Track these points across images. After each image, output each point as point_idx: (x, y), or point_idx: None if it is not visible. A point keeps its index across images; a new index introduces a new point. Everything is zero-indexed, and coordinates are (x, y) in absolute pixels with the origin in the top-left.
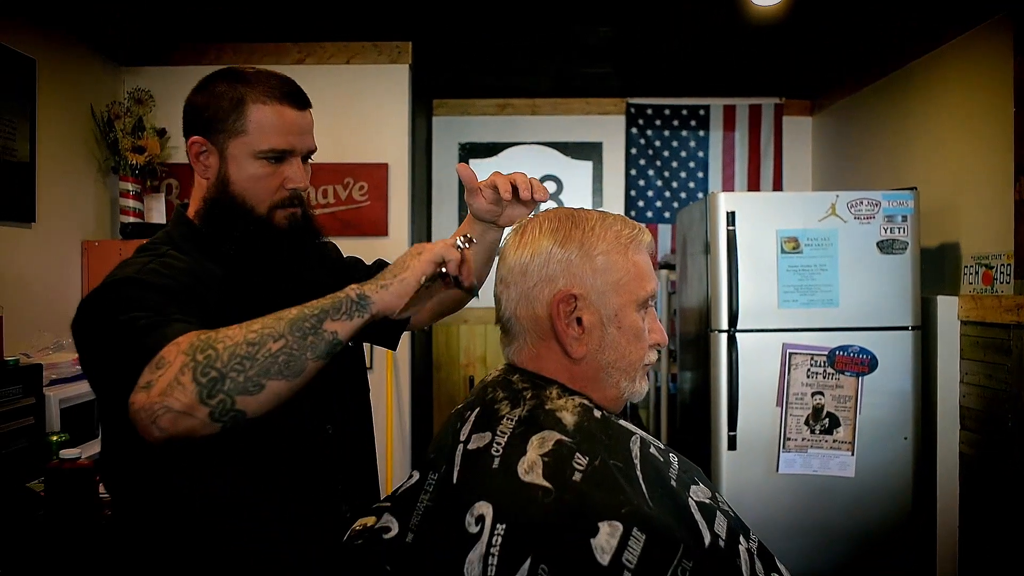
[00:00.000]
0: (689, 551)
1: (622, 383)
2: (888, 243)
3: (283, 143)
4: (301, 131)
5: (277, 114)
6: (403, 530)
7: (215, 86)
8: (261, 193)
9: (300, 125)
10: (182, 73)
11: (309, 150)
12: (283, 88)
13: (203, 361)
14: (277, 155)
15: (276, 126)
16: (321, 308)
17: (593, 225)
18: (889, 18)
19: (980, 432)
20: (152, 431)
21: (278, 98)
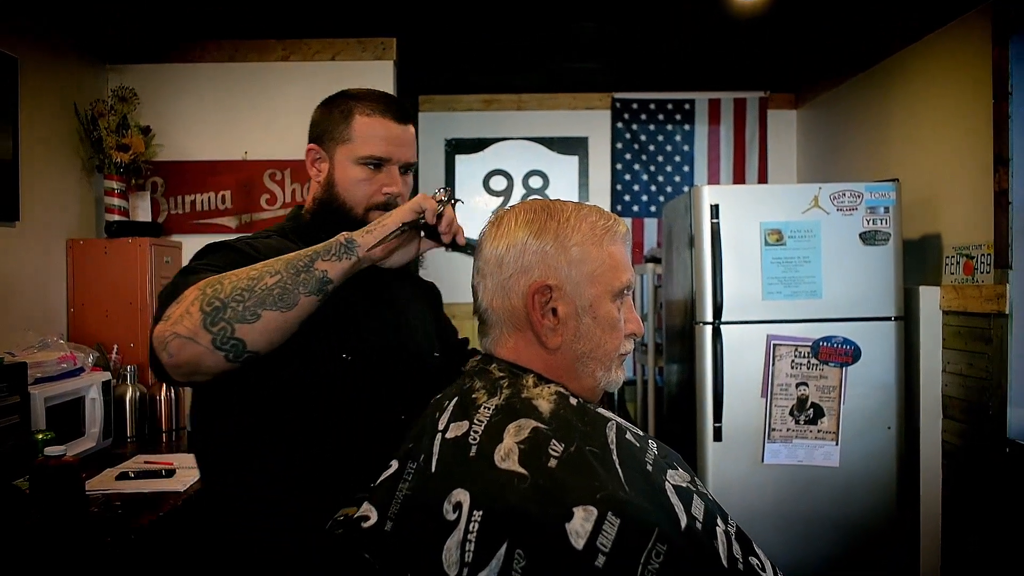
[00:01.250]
0: (664, 535)
1: (598, 373)
2: (871, 234)
3: (381, 151)
4: (399, 142)
5: (378, 125)
6: (382, 519)
7: (333, 101)
8: (359, 196)
9: (398, 137)
10: (166, 70)
11: (406, 161)
12: (386, 103)
13: (210, 294)
14: (375, 161)
15: (376, 135)
16: (314, 250)
17: (568, 216)
18: (871, 12)
19: (962, 421)
20: (163, 357)
21: (380, 111)
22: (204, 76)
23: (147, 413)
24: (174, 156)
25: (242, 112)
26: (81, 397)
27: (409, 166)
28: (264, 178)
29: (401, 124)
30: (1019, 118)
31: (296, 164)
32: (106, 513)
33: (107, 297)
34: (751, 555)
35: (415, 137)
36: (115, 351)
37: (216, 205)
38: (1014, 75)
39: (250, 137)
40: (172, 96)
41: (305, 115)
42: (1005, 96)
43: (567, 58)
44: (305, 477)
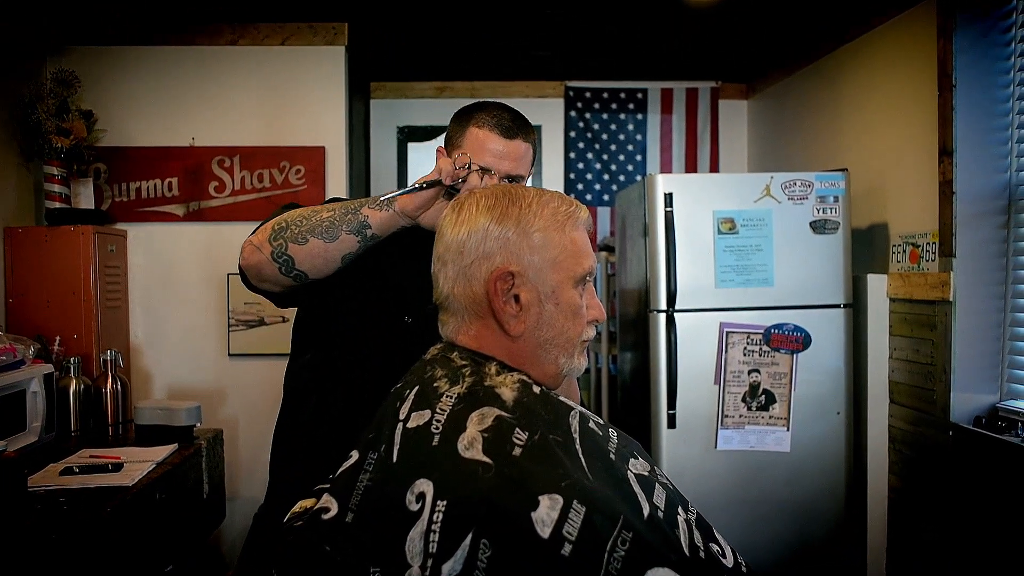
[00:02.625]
0: (629, 523)
1: (560, 359)
2: (820, 223)
3: (486, 161)
4: (501, 156)
5: (485, 137)
6: (343, 510)
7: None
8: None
9: (501, 151)
10: (110, 53)
11: (509, 173)
12: (499, 117)
13: (282, 217)
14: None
15: (480, 147)
16: (363, 200)
17: (530, 202)
18: (820, 3)
19: (909, 406)
20: (240, 260)
21: (491, 124)
22: (150, 60)
23: (92, 406)
24: (118, 142)
25: (189, 97)
26: (22, 390)
27: (514, 178)
28: (212, 165)
29: (507, 139)
30: (963, 109)
31: (246, 150)
32: (50, 510)
33: (48, 287)
34: (711, 541)
35: (529, 153)
36: (58, 342)
37: (162, 192)
38: (958, 67)
39: (197, 123)
40: (116, 80)
41: (255, 100)
42: (949, 88)
43: (520, 46)
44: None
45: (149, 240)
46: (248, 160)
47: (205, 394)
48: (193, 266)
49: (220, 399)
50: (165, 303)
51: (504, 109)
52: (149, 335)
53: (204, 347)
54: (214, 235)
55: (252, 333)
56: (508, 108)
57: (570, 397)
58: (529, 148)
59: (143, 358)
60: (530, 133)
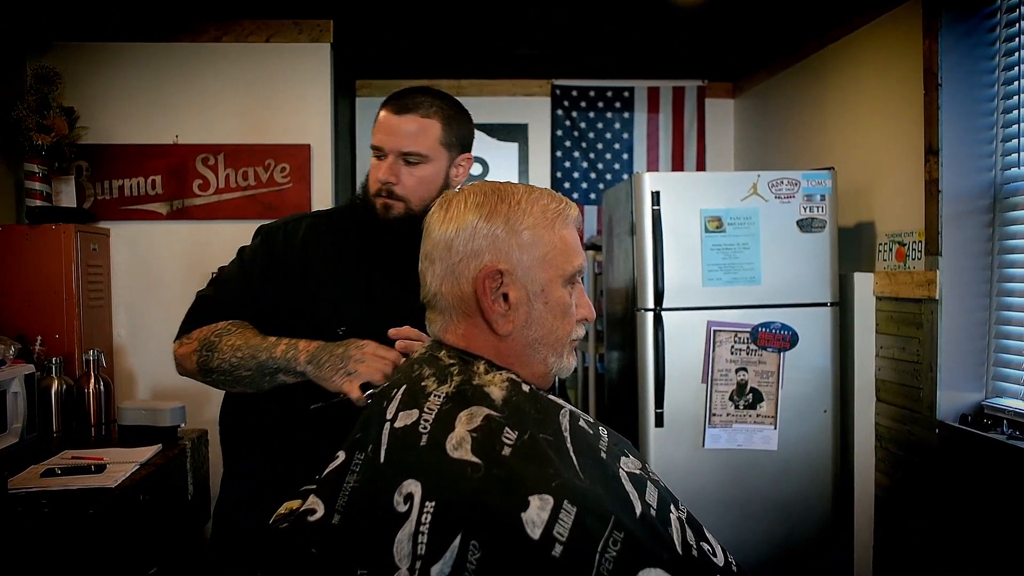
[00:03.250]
0: (620, 523)
1: (550, 359)
2: (807, 222)
3: (375, 140)
4: (391, 132)
5: (380, 118)
6: (329, 512)
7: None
8: (369, 183)
9: (391, 127)
10: (92, 50)
11: (401, 150)
12: (396, 96)
13: (205, 356)
14: (376, 150)
15: (377, 127)
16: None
17: (519, 199)
18: (806, 1)
19: (895, 404)
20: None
21: (387, 107)
22: (133, 56)
23: (75, 407)
24: (101, 139)
25: (173, 94)
26: (2, 391)
27: (408, 156)
28: (196, 163)
29: (398, 115)
30: (949, 108)
31: (230, 148)
32: (31, 512)
33: (30, 286)
34: (703, 540)
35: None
36: (39, 342)
37: (146, 190)
38: (944, 66)
39: (181, 120)
40: (99, 77)
41: (239, 98)
42: (935, 87)
43: (506, 43)
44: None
45: (132, 239)
46: (233, 158)
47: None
48: (177, 265)
49: (205, 399)
50: (149, 302)
51: (414, 90)
52: (133, 335)
53: None
54: (198, 234)
55: None
56: (422, 89)
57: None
58: (429, 124)
59: (127, 358)
60: (433, 111)
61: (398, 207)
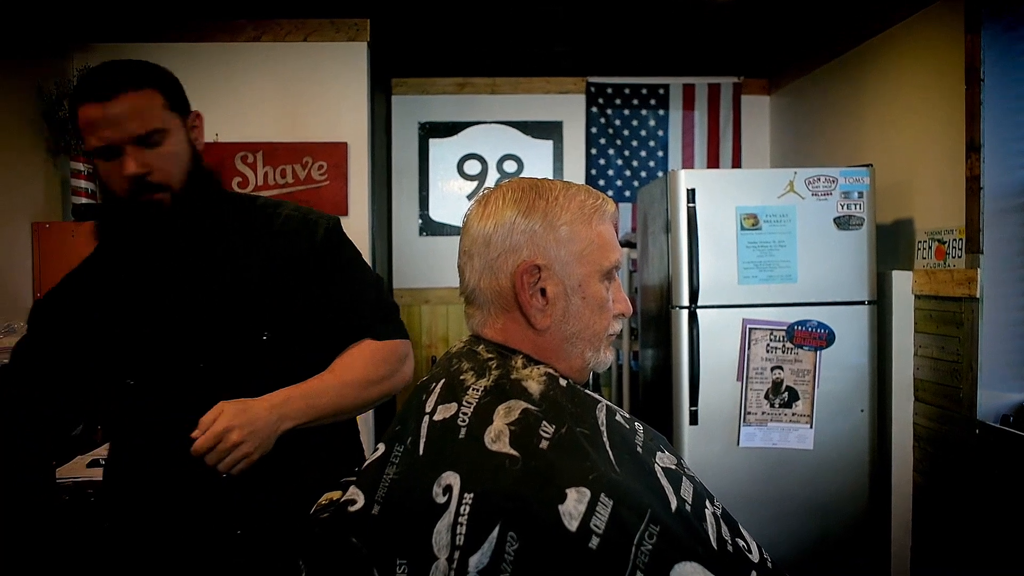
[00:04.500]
0: (656, 516)
1: (587, 353)
2: (845, 219)
3: (97, 140)
4: (111, 123)
5: (87, 114)
6: (369, 503)
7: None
8: (115, 188)
9: (108, 117)
10: (134, 51)
11: (133, 136)
12: (90, 83)
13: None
14: (103, 152)
15: (89, 126)
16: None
17: (557, 195)
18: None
19: (934, 404)
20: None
21: (85, 95)
22: (173, 57)
23: None
24: None
25: (212, 94)
26: None
27: (145, 137)
28: (236, 161)
29: (108, 102)
30: (991, 104)
31: (268, 146)
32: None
33: None
34: (738, 536)
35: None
36: None
37: None
38: (986, 61)
39: (220, 119)
40: None
41: (277, 96)
42: (977, 82)
43: (541, 41)
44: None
45: None
46: (271, 156)
47: None
48: None
49: None
50: None
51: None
52: None
53: None
54: None
55: None
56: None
57: None
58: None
59: None
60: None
61: (164, 196)
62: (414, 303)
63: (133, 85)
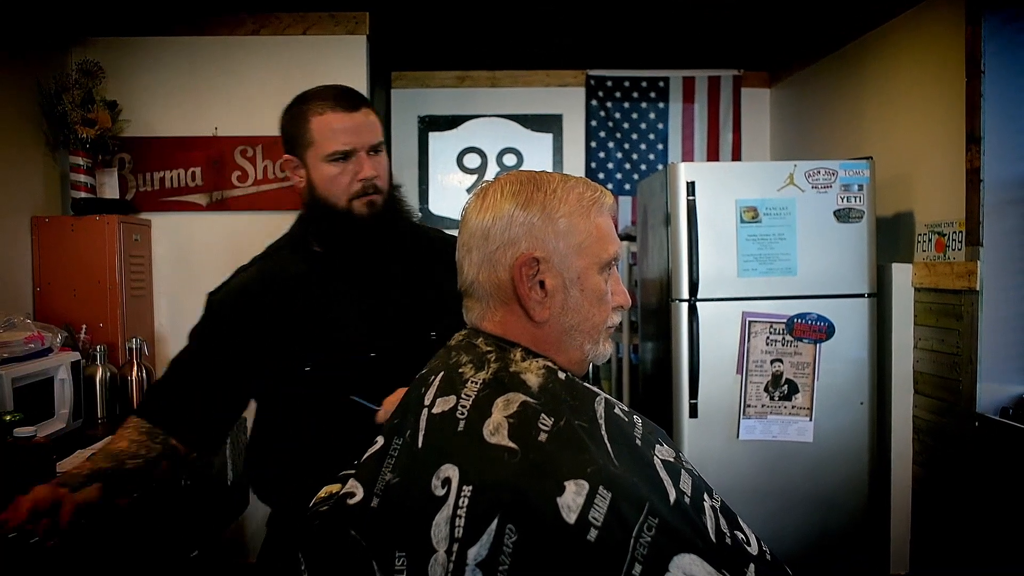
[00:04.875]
0: (654, 509)
1: (586, 345)
2: (845, 212)
3: (341, 144)
4: (355, 131)
5: (332, 120)
6: (368, 495)
7: (290, 109)
8: (339, 191)
9: (354, 126)
10: (133, 44)
11: (369, 144)
12: (334, 97)
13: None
14: (340, 155)
15: (332, 132)
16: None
17: (555, 188)
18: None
19: (933, 396)
20: None
21: (331, 107)
22: (172, 50)
23: (118, 394)
24: (142, 132)
25: (212, 87)
26: (50, 378)
27: (375, 146)
28: (235, 155)
29: (351, 112)
30: (992, 96)
31: (268, 140)
32: None
33: (75, 276)
34: (736, 529)
35: (375, 117)
36: (84, 331)
37: (186, 182)
38: (987, 53)
39: (220, 113)
40: (139, 71)
41: (277, 90)
42: (978, 74)
43: (541, 34)
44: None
45: (173, 229)
46: (271, 150)
47: None
48: (216, 255)
49: None
50: (189, 292)
51: (328, 88)
52: (173, 324)
53: None
54: (237, 224)
55: None
56: (330, 86)
57: None
58: (372, 112)
59: (167, 346)
60: (367, 102)
61: (378, 198)
62: None
63: (366, 103)
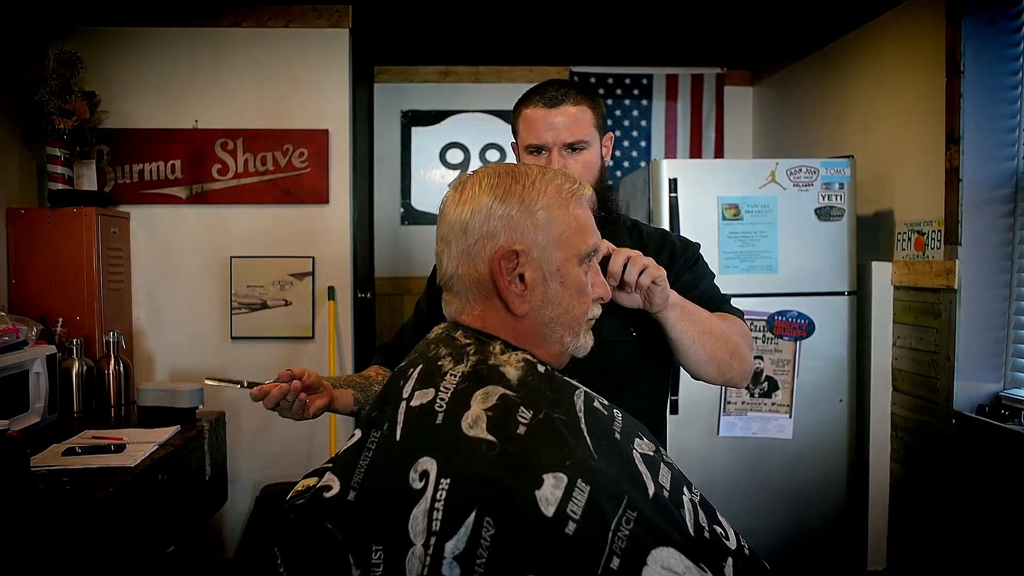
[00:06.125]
0: (633, 503)
1: (566, 338)
2: (826, 210)
3: (534, 139)
4: (549, 127)
5: (532, 115)
6: (345, 488)
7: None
8: None
9: (549, 122)
10: (112, 35)
11: (563, 142)
12: (540, 92)
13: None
14: (534, 148)
15: (530, 126)
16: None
17: (533, 180)
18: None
19: (911, 394)
20: None
21: (534, 102)
22: (153, 41)
23: (95, 387)
24: (121, 123)
25: (192, 79)
26: (25, 371)
27: (574, 144)
28: (216, 147)
29: (549, 108)
30: (971, 97)
31: (249, 133)
32: (53, 490)
33: (51, 268)
34: (715, 523)
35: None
36: (60, 324)
37: (165, 175)
38: (966, 54)
39: (201, 105)
40: (119, 61)
41: (258, 83)
42: (957, 75)
43: (525, 30)
44: None
45: (152, 222)
46: (251, 143)
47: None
48: (196, 249)
49: None
50: (167, 285)
51: (551, 83)
52: (152, 317)
53: (206, 330)
54: (217, 218)
55: (254, 316)
56: (557, 81)
57: None
58: (582, 110)
59: (146, 340)
60: (581, 98)
61: None
62: (396, 292)
63: (573, 101)
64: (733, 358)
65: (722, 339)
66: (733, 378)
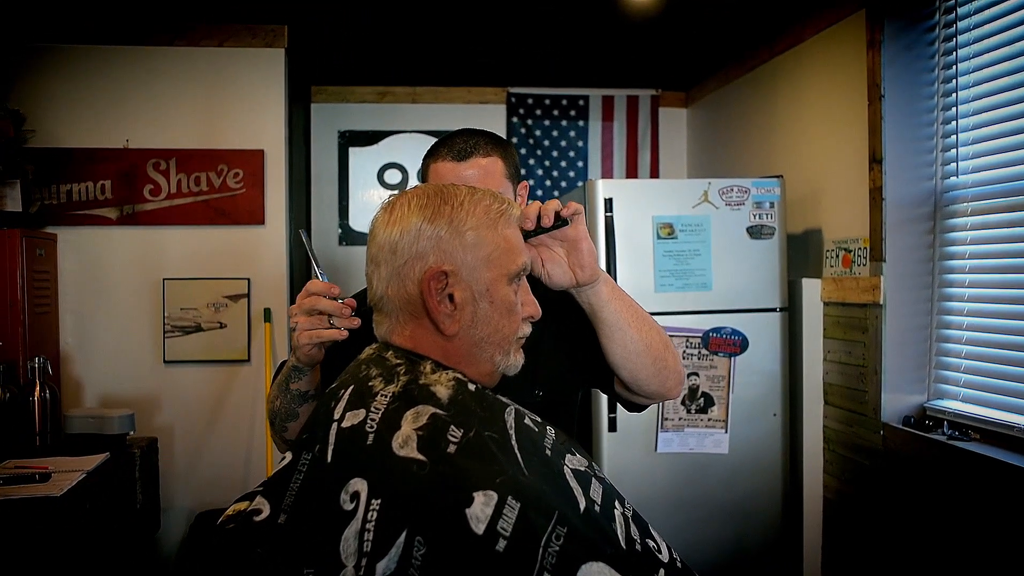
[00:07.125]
0: (564, 517)
1: (496, 357)
2: (757, 228)
3: None
4: (460, 181)
5: (440, 170)
6: (275, 511)
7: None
8: None
9: (459, 175)
10: (38, 51)
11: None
12: (446, 144)
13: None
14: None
15: (439, 180)
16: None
17: (462, 200)
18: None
19: (842, 407)
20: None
21: (441, 155)
22: (82, 59)
23: (19, 415)
24: (48, 143)
25: (123, 98)
26: None
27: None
28: (148, 168)
29: (458, 161)
30: (891, 119)
31: (182, 153)
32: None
33: None
34: (648, 537)
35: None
36: None
37: (95, 195)
38: (886, 78)
39: (132, 124)
40: (46, 79)
41: (192, 102)
42: (878, 98)
43: (462, 51)
44: None
45: (80, 244)
46: (185, 163)
47: (139, 402)
48: (127, 271)
49: (155, 407)
50: (98, 309)
51: (460, 133)
52: (80, 342)
53: (138, 354)
54: (149, 239)
55: (189, 340)
56: (467, 131)
57: None
58: (492, 161)
59: (74, 366)
60: (490, 149)
61: None
62: None
63: (482, 152)
64: (667, 351)
65: (655, 328)
66: (668, 379)
